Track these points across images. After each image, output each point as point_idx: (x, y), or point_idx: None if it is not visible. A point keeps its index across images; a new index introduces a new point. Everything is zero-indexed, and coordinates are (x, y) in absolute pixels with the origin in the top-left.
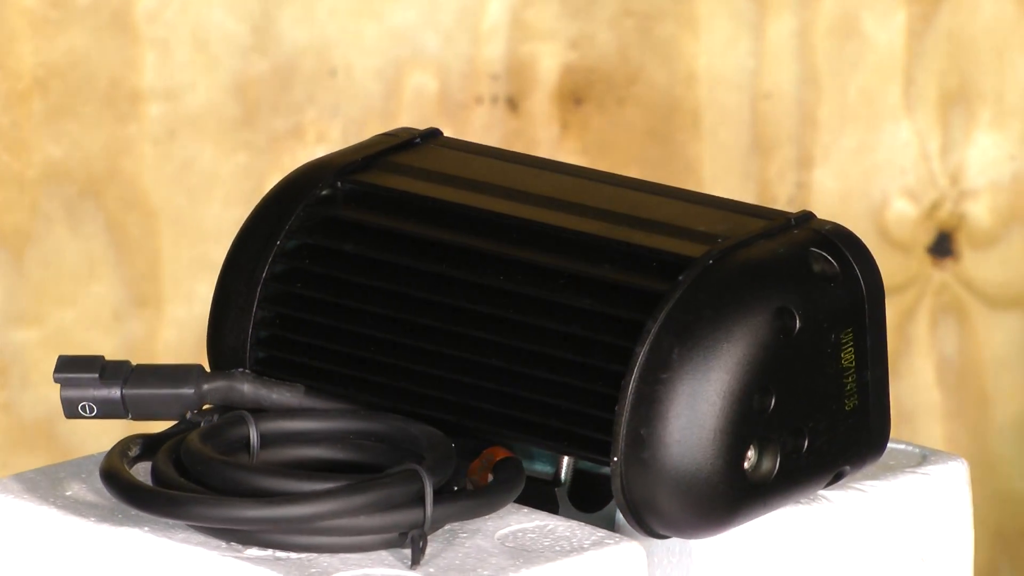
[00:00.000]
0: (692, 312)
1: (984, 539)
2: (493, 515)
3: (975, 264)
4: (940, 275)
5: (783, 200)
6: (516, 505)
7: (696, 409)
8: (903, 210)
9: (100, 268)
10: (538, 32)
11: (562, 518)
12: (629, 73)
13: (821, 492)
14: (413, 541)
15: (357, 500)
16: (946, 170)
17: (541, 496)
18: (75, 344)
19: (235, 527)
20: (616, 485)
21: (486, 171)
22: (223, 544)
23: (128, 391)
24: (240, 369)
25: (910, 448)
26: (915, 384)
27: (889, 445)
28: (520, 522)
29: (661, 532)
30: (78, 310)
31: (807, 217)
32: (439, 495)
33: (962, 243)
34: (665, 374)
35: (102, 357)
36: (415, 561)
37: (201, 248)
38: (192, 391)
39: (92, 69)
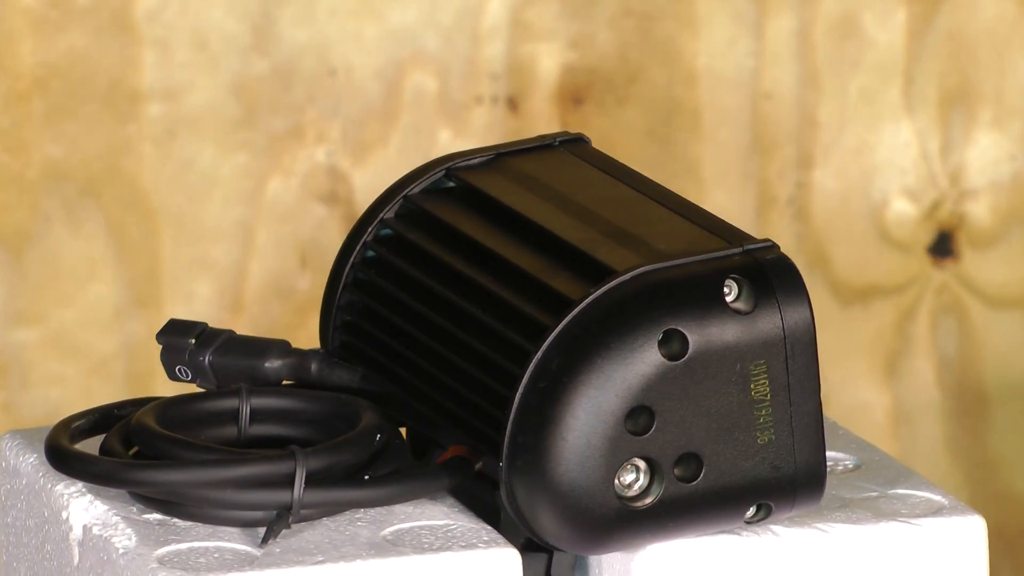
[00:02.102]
0: (580, 326)
1: None
2: (412, 508)
3: (975, 264)
4: (940, 275)
5: (783, 200)
6: (448, 506)
7: (569, 421)
8: (903, 210)
9: (100, 268)
10: (538, 32)
11: (474, 520)
12: (629, 73)
13: (821, 527)
14: (274, 521)
15: (222, 473)
16: (946, 170)
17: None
18: (75, 344)
19: (114, 486)
20: (502, 491)
21: (547, 179)
22: (135, 508)
23: (215, 359)
24: (315, 349)
25: (929, 496)
26: (915, 384)
27: (910, 490)
28: (424, 519)
29: (547, 541)
30: (78, 310)
31: (762, 246)
32: (328, 481)
33: (962, 243)
34: (544, 384)
35: (205, 324)
36: (263, 540)
37: (201, 248)
38: (267, 364)
39: (92, 69)
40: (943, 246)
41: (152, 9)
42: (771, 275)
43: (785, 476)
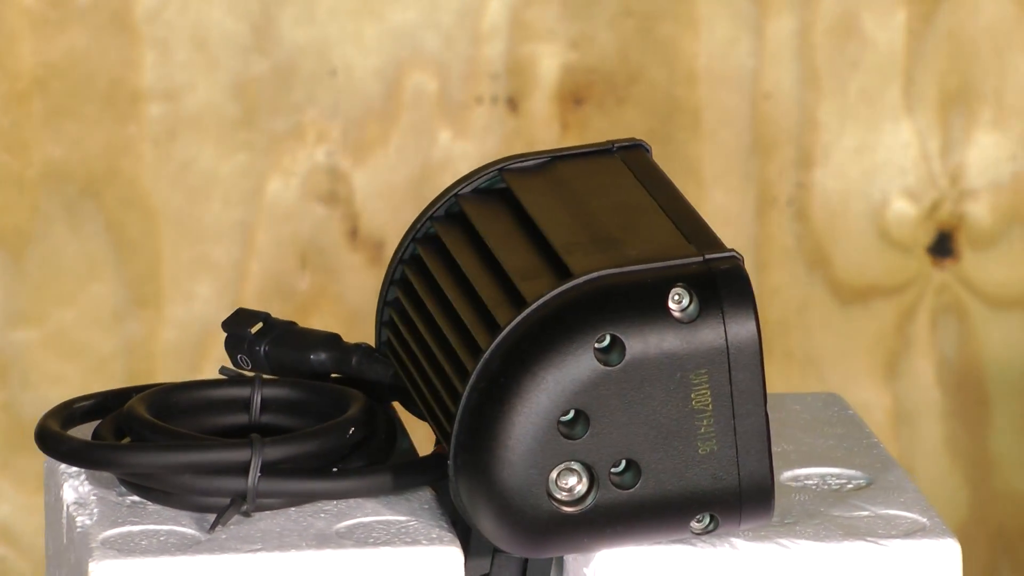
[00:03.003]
0: (524, 328)
1: (984, 539)
2: (381, 503)
3: (975, 264)
4: (940, 275)
5: (783, 200)
6: (421, 503)
7: (503, 422)
8: (903, 210)
9: (100, 268)
10: (538, 32)
11: (436, 517)
12: (629, 73)
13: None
14: (225, 507)
15: (179, 458)
16: (946, 170)
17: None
18: (75, 344)
19: (80, 466)
20: (450, 489)
21: (577, 184)
22: (117, 491)
23: (271, 350)
24: (360, 343)
25: (916, 517)
26: (915, 384)
27: (900, 511)
28: (389, 514)
29: (489, 539)
30: (78, 310)
31: (723, 256)
32: (287, 472)
33: (962, 243)
34: (483, 384)
35: (267, 315)
36: (212, 526)
37: (201, 248)
38: (313, 357)
39: (92, 69)
40: (943, 246)
41: (152, 9)
42: (720, 285)
43: (728, 488)
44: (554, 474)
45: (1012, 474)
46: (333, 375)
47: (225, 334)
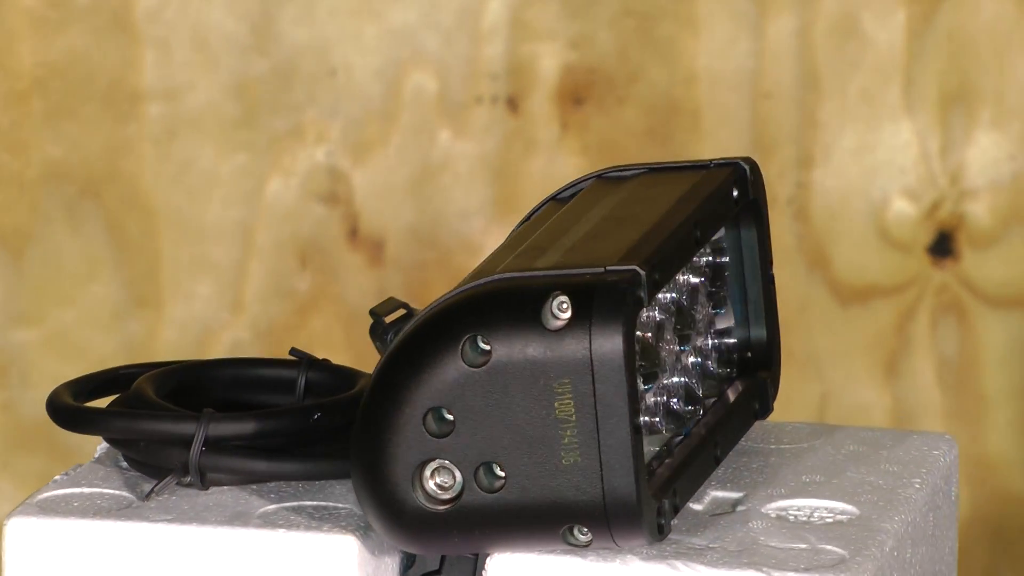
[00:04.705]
0: (411, 328)
1: (984, 539)
2: (336, 488)
3: (975, 264)
4: (940, 275)
5: (783, 200)
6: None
7: (376, 416)
8: (903, 210)
9: (100, 268)
10: (538, 32)
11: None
12: (629, 73)
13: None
14: (163, 477)
15: (133, 426)
16: (946, 170)
17: None
18: (75, 344)
19: (65, 427)
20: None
21: (627, 194)
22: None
23: (393, 339)
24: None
25: (835, 550)
26: (915, 384)
27: (835, 547)
28: (331, 500)
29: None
30: (78, 310)
31: (623, 269)
32: (234, 450)
33: (962, 243)
34: (374, 381)
35: (407, 304)
36: (146, 494)
37: (201, 248)
38: None
39: (92, 69)
40: (943, 246)
41: (152, 9)
42: (595, 298)
43: (593, 502)
44: (427, 471)
45: (1012, 474)
46: None
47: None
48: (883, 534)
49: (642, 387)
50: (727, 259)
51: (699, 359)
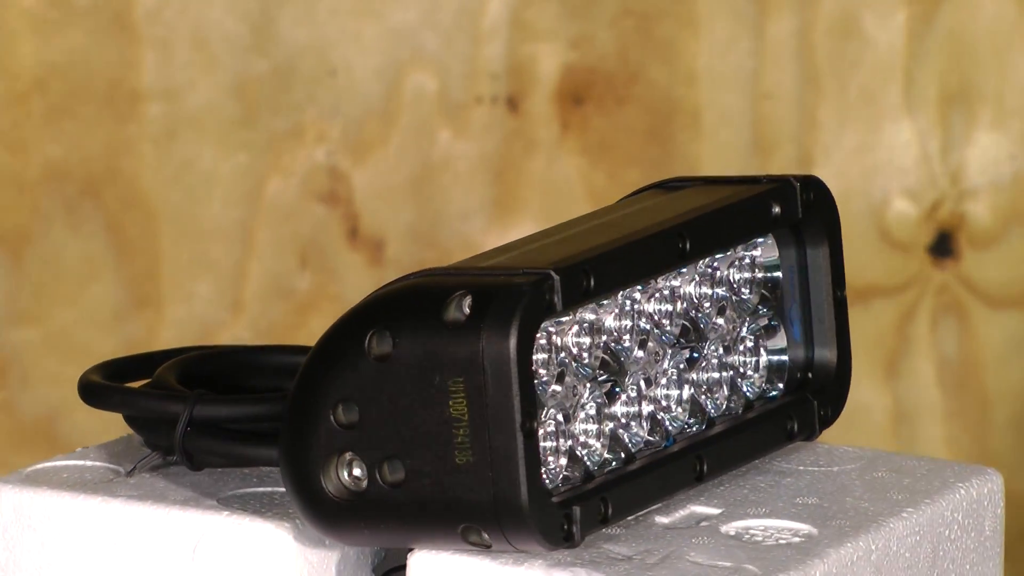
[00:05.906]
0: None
1: None
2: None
3: (975, 264)
4: (940, 275)
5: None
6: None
7: (293, 404)
8: (903, 210)
9: (100, 268)
10: (538, 32)
11: None
12: (629, 73)
13: None
14: (147, 454)
15: (130, 404)
16: (946, 170)
17: None
18: (75, 344)
19: (86, 402)
20: None
21: (654, 204)
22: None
23: None
24: None
25: (748, 569)
26: (915, 384)
27: (751, 565)
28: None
29: None
30: (78, 310)
31: (538, 272)
32: (219, 432)
33: (962, 243)
34: (300, 372)
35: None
36: (129, 471)
37: (201, 248)
38: None
39: (92, 69)
40: (943, 246)
41: (152, 9)
42: (493, 298)
43: (484, 504)
44: (339, 463)
45: (1012, 474)
46: None
47: None
48: (820, 558)
49: (589, 395)
50: (778, 275)
51: (719, 374)
